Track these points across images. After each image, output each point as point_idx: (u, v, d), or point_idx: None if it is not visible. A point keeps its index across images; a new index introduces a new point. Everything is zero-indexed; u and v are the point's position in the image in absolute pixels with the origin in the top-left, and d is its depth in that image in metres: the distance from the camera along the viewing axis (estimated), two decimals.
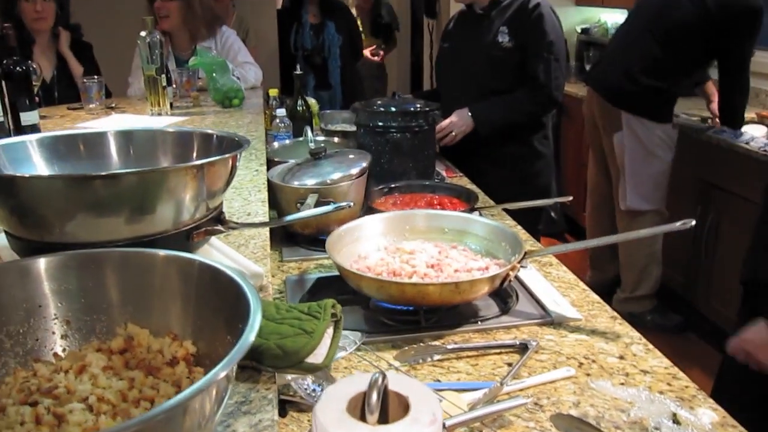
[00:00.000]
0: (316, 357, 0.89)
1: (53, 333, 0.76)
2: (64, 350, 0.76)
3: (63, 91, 3.04)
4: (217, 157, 1.01)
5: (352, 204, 1.20)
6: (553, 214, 4.02)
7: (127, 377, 0.69)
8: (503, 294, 1.36)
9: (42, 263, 0.76)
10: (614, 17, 4.63)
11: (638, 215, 3.08)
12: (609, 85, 3.06)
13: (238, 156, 1.06)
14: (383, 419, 0.68)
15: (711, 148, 2.98)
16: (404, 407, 0.67)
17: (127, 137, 1.24)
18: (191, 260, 0.75)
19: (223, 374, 0.56)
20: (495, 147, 2.44)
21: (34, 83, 2.53)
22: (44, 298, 0.75)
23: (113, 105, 2.77)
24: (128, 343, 0.74)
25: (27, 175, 1.03)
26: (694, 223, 1.23)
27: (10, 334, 0.74)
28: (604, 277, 3.44)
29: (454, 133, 2.36)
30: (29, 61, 2.61)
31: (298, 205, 1.57)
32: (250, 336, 0.59)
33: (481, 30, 2.41)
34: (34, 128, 2.16)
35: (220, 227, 1.07)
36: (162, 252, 0.77)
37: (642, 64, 2.91)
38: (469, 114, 2.37)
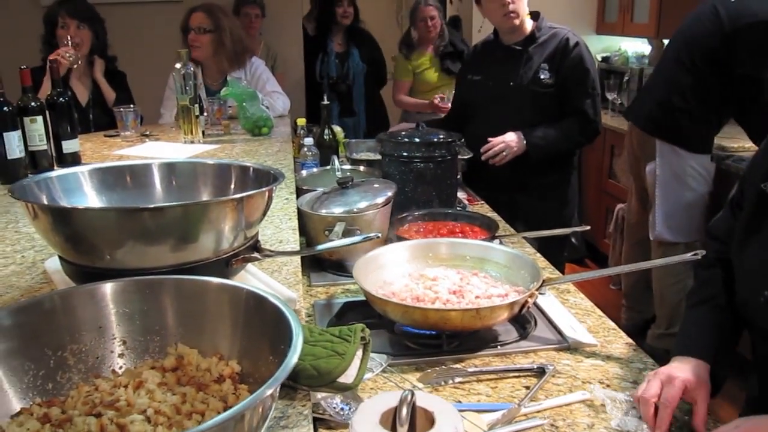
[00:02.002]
0: (347, 377, 0.96)
1: (112, 352, 0.84)
2: (121, 367, 0.85)
3: (97, 115, 3.19)
4: (256, 191, 1.09)
5: (379, 235, 1.28)
6: (573, 240, 4.07)
7: (179, 392, 0.77)
8: (522, 320, 1.42)
9: (105, 288, 0.84)
10: (635, 46, 4.69)
11: (669, 247, 3.01)
12: (644, 114, 3.06)
13: (274, 189, 1.15)
14: (411, 431, 0.76)
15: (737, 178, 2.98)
16: (430, 421, 0.74)
17: (170, 169, 1.32)
18: (239, 288, 0.83)
19: (269, 392, 0.63)
20: (530, 176, 2.50)
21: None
22: (105, 320, 0.84)
23: (147, 133, 2.89)
24: (179, 362, 0.82)
25: (82, 207, 1.12)
26: (705, 252, 1.29)
27: (74, 353, 0.82)
28: (641, 318, 3.38)
29: (505, 153, 2.42)
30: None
31: (326, 232, 1.64)
32: (293, 358, 0.66)
33: (518, 65, 2.47)
34: (75, 156, 2.27)
35: (256, 255, 1.14)
36: (214, 280, 0.85)
37: (673, 92, 2.89)
38: (523, 138, 2.43)
